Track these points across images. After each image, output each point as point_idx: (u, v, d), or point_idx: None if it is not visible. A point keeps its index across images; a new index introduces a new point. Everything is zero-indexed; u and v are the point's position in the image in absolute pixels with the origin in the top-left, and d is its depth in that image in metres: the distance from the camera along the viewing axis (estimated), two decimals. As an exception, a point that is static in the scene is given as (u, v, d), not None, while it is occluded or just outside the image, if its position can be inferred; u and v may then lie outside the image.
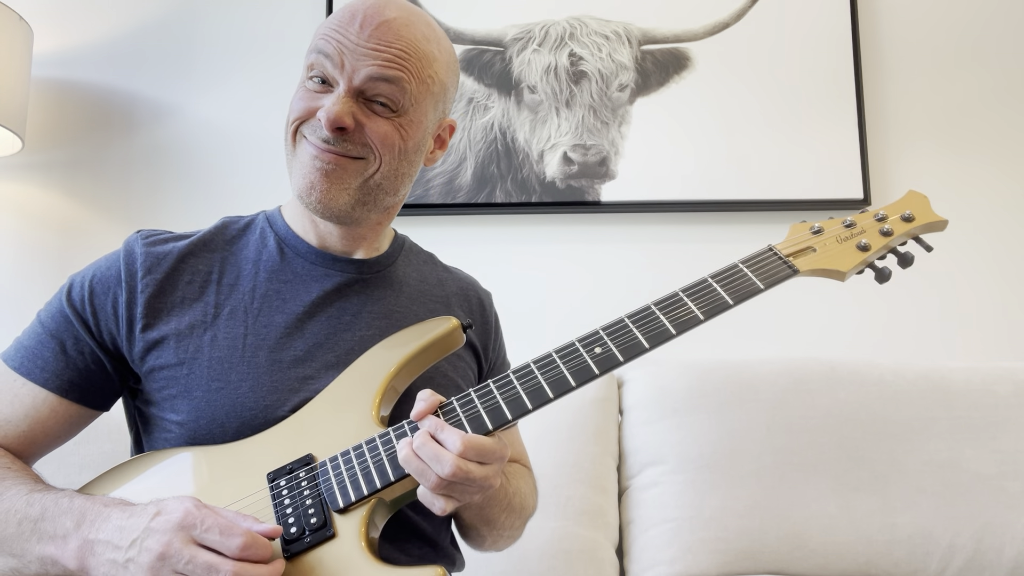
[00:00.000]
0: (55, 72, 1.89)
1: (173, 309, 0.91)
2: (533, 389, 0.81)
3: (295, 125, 0.91)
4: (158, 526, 0.72)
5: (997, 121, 1.85)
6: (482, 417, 0.81)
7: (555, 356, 0.84)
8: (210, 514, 0.73)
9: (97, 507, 0.78)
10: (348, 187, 0.90)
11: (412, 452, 0.77)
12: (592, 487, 1.49)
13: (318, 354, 0.92)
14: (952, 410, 1.48)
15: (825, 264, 0.89)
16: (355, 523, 0.79)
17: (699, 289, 0.87)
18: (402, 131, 0.91)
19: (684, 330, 0.84)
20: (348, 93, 0.88)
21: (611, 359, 0.83)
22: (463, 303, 1.08)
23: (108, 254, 0.95)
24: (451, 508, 0.78)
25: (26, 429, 0.89)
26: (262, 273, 0.95)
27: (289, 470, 0.83)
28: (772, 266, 0.89)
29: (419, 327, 0.93)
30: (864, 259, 0.90)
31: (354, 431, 0.85)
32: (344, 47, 0.88)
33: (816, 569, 1.40)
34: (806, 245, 0.91)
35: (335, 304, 0.95)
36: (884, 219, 0.92)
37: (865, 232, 0.91)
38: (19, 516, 0.79)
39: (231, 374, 0.88)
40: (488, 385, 0.84)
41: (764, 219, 1.81)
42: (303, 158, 0.90)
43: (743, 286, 0.87)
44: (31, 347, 0.91)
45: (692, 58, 1.84)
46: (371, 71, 0.87)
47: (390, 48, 0.88)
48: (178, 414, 0.88)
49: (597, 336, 0.85)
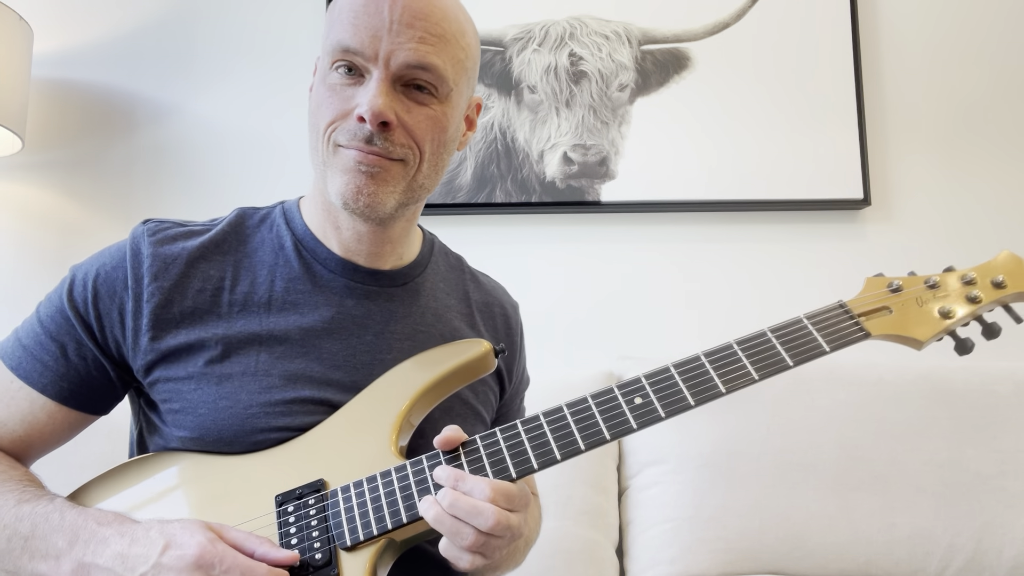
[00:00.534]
0: (55, 72, 1.89)
1: (183, 320, 0.84)
2: (565, 441, 0.76)
3: (328, 131, 0.82)
4: (171, 563, 0.67)
5: (997, 121, 1.85)
6: (506, 462, 0.75)
7: (591, 403, 0.78)
8: (228, 551, 0.68)
9: (91, 526, 0.73)
10: (395, 190, 0.83)
11: (443, 511, 0.70)
12: (592, 487, 1.49)
13: (335, 376, 0.85)
14: (952, 410, 1.48)
15: (901, 330, 0.81)
16: (362, 564, 0.73)
17: (756, 345, 0.80)
18: (443, 119, 0.83)
19: (735, 390, 0.77)
20: (385, 81, 0.79)
21: (652, 414, 0.76)
22: (488, 320, 1.01)
23: (113, 247, 0.89)
24: (479, 564, 0.71)
25: (23, 434, 0.85)
26: (278, 281, 0.88)
27: (298, 495, 0.78)
28: (841, 327, 0.80)
29: (448, 349, 0.87)
30: (945, 327, 0.81)
31: (369, 458, 0.79)
32: (375, 29, 0.78)
33: (816, 569, 1.40)
34: (881, 305, 0.83)
35: (356, 321, 0.88)
36: (972, 283, 0.83)
37: (949, 296, 0.82)
38: (8, 532, 0.75)
39: (240, 393, 0.82)
40: (516, 426, 0.78)
41: (764, 219, 1.81)
42: (345, 164, 0.81)
43: (806, 347, 0.79)
44: (30, 348, 0.85)
45: (692, 58, 1.84)
46: (408, 57, 0.79)
47: (426, 23, 0.79)
48: (182, 429, 0.82)
49: (638, 385, 0.78)
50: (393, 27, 0.78)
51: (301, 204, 0.95)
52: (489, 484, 0.70)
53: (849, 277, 1.78)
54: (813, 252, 1.80)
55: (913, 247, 1.79)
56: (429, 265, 0.98)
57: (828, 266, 1.79)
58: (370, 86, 0.79)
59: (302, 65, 1.89)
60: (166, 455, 0.84)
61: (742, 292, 1.78)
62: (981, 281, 0.83)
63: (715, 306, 1.78)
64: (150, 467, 0.83)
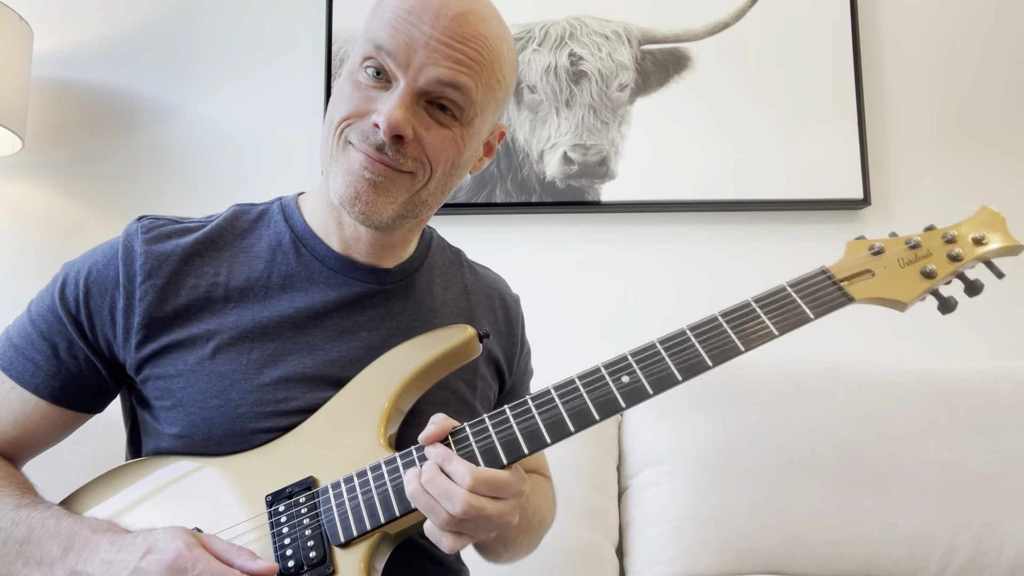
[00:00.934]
0: (55, 72, 1.89)
1: (176, 319, 0.83)
2: (552, 421, 0.75)
3: (342, 126, 0.80)
4: (148, 567, 0.68)
5: (997, 120, 1.84)
6: (496, 449, 0.74)
7: (578, 383, 0.77)
8: (202, 556, 0.69)
9: (85, 533, 0.74)
10: (395, 201, 0.81)
11: (420, 487, 0.71)
12: (592, 487, 1.49)
13: (329, 373, 0.84)
14: (952, 410, 1.48)
15: (884, 292, 0.80)
16: (356, 559, 0.73)
17: (740, 315, 0.79)
18: (460, 143, 0.81)
19: (721, 361, 0.77)
20: (410, 94, 0.77)
21: (640, 391, 0.75)
22: (488, 313, 1.00)
23: (105, 244, 0.88)
24: (461, 546, 0.72)
25: (15, 435, 0.85)
26: (275, 277, 0.87)
27: (288, 494, 0.77)
28: (824, 292, 0.79)
29: (432, 336, 0.86)
30: (928, 287, 0.80)
31: (359, 452, 0.79)
32: (412, 38, 0.76)
33: (816, 569, 1.40)
34: (863, 268, 0.82)
35: (351, 318, 0.87)
36: (953, 240, 0.82)
37: (931, 255, 0.81)
38: (3, 536, 0.76)
39: (231, 392, 0.81)
40: (504, 412, 0.77)
41: (764, 219, 1.81)
42: (351, 165, 0.79)
43: (790, 315, 0.78)
44: (21, 347, 0.85)
45: (692, 58, 1.84)
46: (441, 74, 0.76)
47: (465, 47, 0.77)
48: (173, 426, 0.82)
49: (625, 363, 0.77)
50: (431, 42, 0.76)
51: (300, 201, 0.93)
52: (471, 471, 0.70)
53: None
54: (813, 252, 1.79)
55: (913, 247, 1.79)
56: (426, 260, 0.96)
57: (828, 266, 1.78)
58: (393, 95, 0.77)
59: (302, 65, 1.89)
60: (157, 460, 0.84)
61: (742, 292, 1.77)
62: (962, 239, 0.82)
63: (715, 306, 1.77)
64: (139, 473, 0.83)
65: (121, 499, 0.82)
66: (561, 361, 1.77)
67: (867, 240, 0.84)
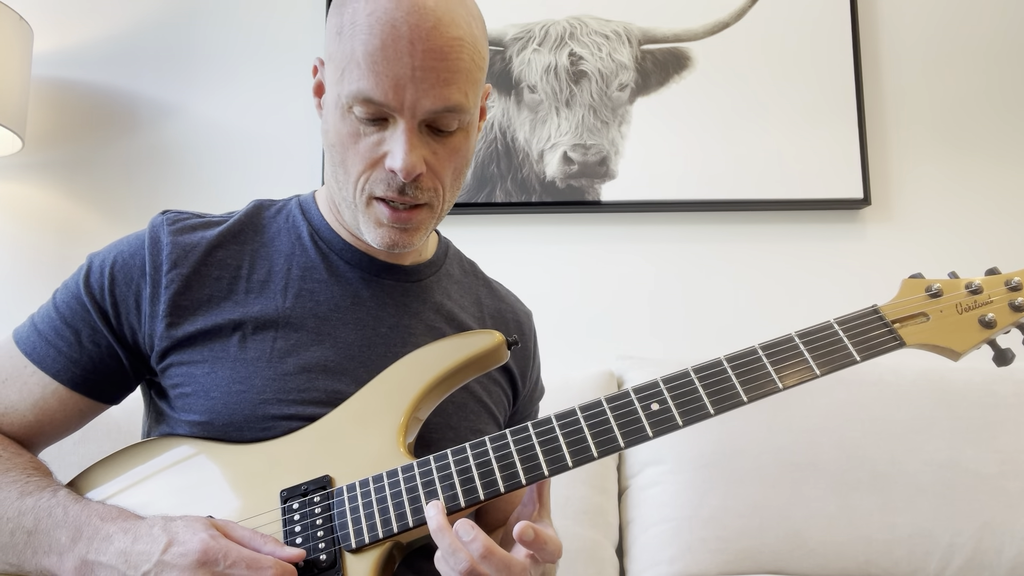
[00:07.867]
0: (55, 72, 1.89)
1: (200, 307, 0.84)
2: (577, 447, 0.73)
3: (360, 181, 0.81)
4: (174, 560, 0.67)
5: (997, 120, 1.84)
6: (517, 471, 0.74)
7: (606, 407, 0.75)
8: (232, 547, 0.68)
9: (94, 521, 0.74)
10: (425, 232, 0.85)
11: (443, 524, 0.69)
12: (592, 487, 1.49)
13: (350, 367, 0.85)
14: (952, 410, 1.48)
15: (938, 340, 0.75)
16: (366, 567, 0.72)
17: (782, 351, 0.76)
18: (463, 145, 0.83)
19: (757, 398, 0.74)
20: (413, 130, 0.78)
21: (669, 422, 0.73)
22: (500, 326, 1.00)
23: (131, 236, 0.89)
24: None
25: (33, 420, 0.85)
26: (295, 269, 0.88)
27: (303, 492, 0.77)
28: (874, 334, 0.75)
29: (459, 339, 0.85)
30: (986, 337, 0.75)
31: (376, 455, 0.78)
32: (398, 76, 0.75)
33: (816, 569, 1.40)
34: (918, 311, 0.77)
35: (372, 313, 0.89)
36: (1018, 289, 0.76)
37: (992, 303, 0.76)
38: (11, 525, 0.76)
39: (255, 379, 0.82)
40: (527, 428, 0.76)
41: (764, 219, 1.81)
42: (379, 219, 0.82)
43: (835, 355, 0.74)
44: (45, 333, 0.86)
45: (692, 58, 1.84)
46: (435, 104, 0.77)
47: (448, 62, 0.76)
48: (192, 413, 0.82)
49: (656, 390, 0.75)
50: (416, 74, 0.75)
51: (317, 196, 0.95)
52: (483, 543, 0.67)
53: (850, 277, 1.78)
54: (813, 252, 1.80)
55: (913, 247, 1.79)
56: (443, 267, 0.98)
57: (828, 266, 1.79)
58: (398, 137, 0.78)
59: (302, 64, 1.89)
60: (170, 440, 0.83)
61: (742, 292, 1.78)
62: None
63: (715, 306, 1.78)
64: (154, 452, 0.83)
65: (132, 479, 0.81)
66: (561, 361, 1.77)
67: (925, 280, 0.80)
